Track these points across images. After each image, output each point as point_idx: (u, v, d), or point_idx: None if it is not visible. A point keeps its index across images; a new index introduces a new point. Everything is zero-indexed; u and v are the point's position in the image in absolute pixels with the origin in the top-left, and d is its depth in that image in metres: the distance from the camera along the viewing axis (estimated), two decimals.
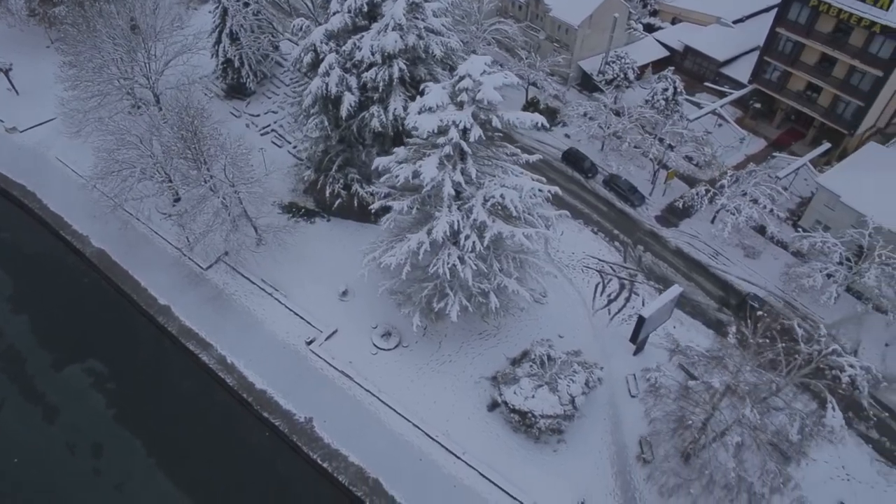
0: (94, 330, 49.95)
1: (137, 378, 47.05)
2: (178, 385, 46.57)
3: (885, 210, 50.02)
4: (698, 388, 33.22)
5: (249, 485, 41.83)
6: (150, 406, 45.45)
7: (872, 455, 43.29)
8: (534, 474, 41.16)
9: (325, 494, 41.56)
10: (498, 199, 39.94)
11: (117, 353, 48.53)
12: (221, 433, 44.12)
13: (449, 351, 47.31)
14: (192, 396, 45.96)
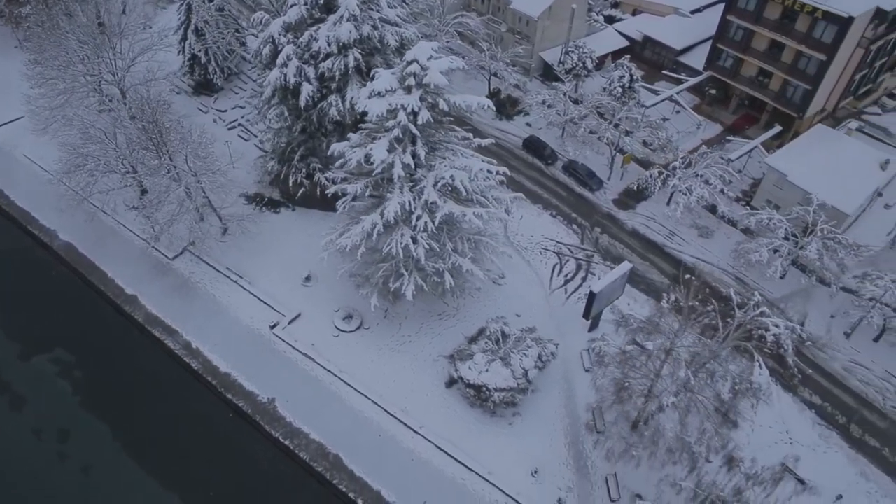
0: (61, 321, 50.80)
1: (104, 366, 47.98)
2: (144, 371, 47.51)
3: (828, 187, 51.96)
4: (636, 353, 34.64)
5: (214, 464, 42.87)
6: (115, 392, 46.43)
7: (815, 419, 45.00)
8: (489, 446, 42.53)
9: (287, 471, 42.72)
10: (448, 179, 41.44)
11: (84, 342, 49.42)
12: (186, 416, 45.15)
13: (409, 332, 48.63)
14: (158, 381, 46.91)
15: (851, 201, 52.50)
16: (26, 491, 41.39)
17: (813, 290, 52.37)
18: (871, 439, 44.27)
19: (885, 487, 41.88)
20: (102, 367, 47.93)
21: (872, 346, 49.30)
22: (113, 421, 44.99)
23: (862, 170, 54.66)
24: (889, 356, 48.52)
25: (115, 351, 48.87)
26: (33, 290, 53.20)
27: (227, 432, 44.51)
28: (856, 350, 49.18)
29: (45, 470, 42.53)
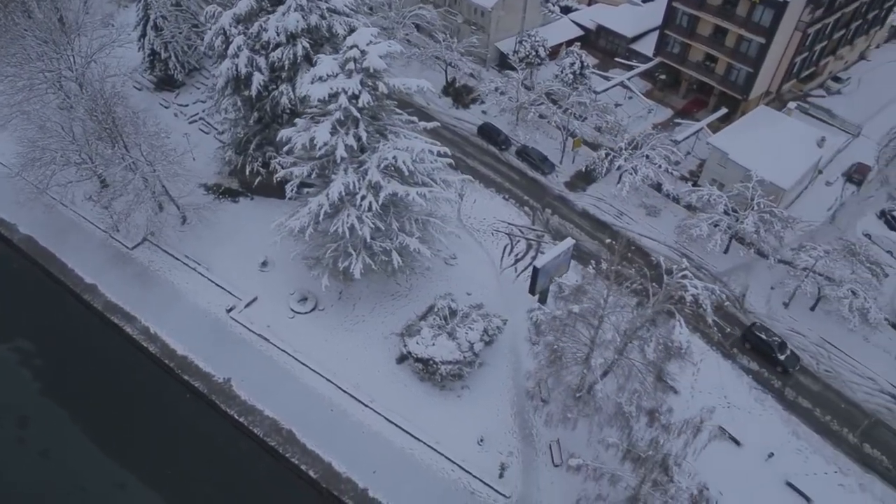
0: (21, 312, 51.65)
1: (63, 353, 48.93)
2: (104, 357, 48.57)
3: (767, 164, 53.99)
4: (568, 319, 36.26)
5: (171, 443, 44.02)
6: (75, 378, 47.40)
7: (751, 384, 46.93)
8: (438, 418, 44.02)
9: (242, 447, 43.99)
10: (391, 160, 42.89)
11: (44, 331, 50.33)
12: (144, 398, 46.27)
13: (362, 312, 50.04)
14: (117, 366, 47.99)
15: (789, 177, 54.52)
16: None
17: (754, 263, 54.36)
18: (803, 401, 46.22)
19: (815, 445, 43.83)
20: (62, 354, 48.88)
21: (809, 314, 51.31)
22: (72, 405, 45.97)
23: (800, 147, 56.78)
24: (824, 323, 50.54)
25: (75, 339, 49.83)
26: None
27: (184, 412, 45.69)
28: (793, 319, 51.20)
29: (3, 455, 43.44)
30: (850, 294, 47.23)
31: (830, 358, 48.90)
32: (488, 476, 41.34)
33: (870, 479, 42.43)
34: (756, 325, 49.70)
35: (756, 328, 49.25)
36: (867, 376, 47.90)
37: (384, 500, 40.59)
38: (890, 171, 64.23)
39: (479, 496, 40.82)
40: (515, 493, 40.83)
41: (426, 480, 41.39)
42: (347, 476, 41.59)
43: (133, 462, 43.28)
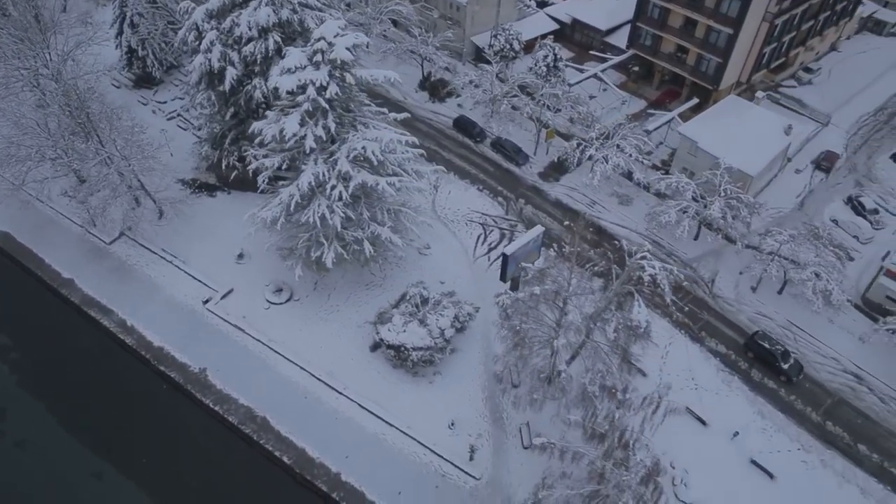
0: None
1: (40, 346, 49.44)
2: (81, 350, 49.04)
3: (735, 152, 54.92)
4: (526, 300, 37.06)
5: (148, 433, 44.55)
6: (51, 370, 47.89)
7: (719, 366, 47.86)
8: (410, 403, 44.79)
9: (218, 435, 44.57)
10: (360, 150, 43.60)
11: (21, 325, 50.80)
12: (121, 389, 46.80)
13: (337, 301, 50.75)
14: (94, 359, 48.48)
15: (756, 164, 55.48)
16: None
17: (723, 249, 55.35)
18: (769, 382, 47.19)
19: (779, 423, 44.81)
20: (38, 348, 49.39)
21: (776, 298, 52.32)
22: (49, 397, 46.47)
23: (767, 135, 57.76)
24: (790, 306, 51.55)
25: (52, 333, 50.26)
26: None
27: (160, 403, 46.22)
28: (761, 302, 52.20)
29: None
30: (814, 276, 48.21)
31: (796, 339, 49.91)
32: (459, 459, 42.12)
33: (831, 455, 43.44)
34: (759, 333, 48.87)
35: (759, 336, 48.46)
36: (831, 356, 48.94)
37: (356, 483, 41.28)
38: (858, 158, 65.39)
39: (450, 478, 41.59)
40: (486, 475, 41.62)
41: (398, 464, 42.13)
42: (321, 461, 42.28)
43: (109, 452, 43.80)
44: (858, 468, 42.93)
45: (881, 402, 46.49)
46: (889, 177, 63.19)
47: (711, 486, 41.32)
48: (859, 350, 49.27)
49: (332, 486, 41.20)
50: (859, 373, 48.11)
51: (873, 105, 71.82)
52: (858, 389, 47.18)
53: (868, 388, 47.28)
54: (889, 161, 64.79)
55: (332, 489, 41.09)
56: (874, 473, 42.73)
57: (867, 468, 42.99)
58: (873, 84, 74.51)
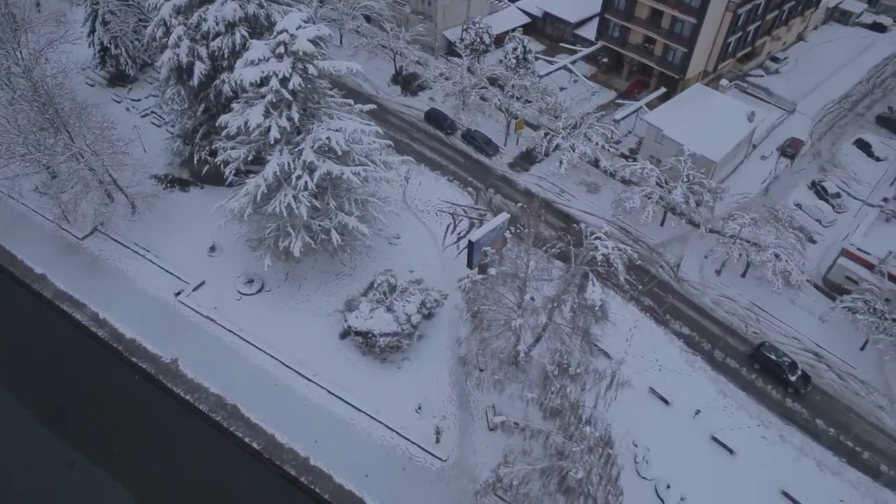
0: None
1: (12, 340, 49.65)
2: (52, 343, 49.41)
3: (699, 139, 56.07)
4: (483, 281, 37.87)
5: (120, 423, 44.95)
6: (23, 362, 48.19)
7: (682, 347, 48.89)
8: (379, 389, 45.51)
9: (190, 423, 45.10)
10: (324, 140, 44.30)
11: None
12: (93, 381, 47.26)
13: (308, 291, 51.41)
14: (66, 351, 48.85)
15: (719, 150, 56.59)
16: None
17: (689, 235, 56.42)
18: (731, 361, 48.25)
19: (740, 401, 45.91)
20: (10, 341, 49.63)
21: (740, 280, 53.43)
22: (19, 389, 46.81)
23: (731, 122, 58.95)
24: (753, 289, 52.69)
25: (25, 327, 50.57)
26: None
27: (132, 393, 46.68)
28: (725, 285, 53.30)
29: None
30: (774, 258, 49.27)
31: (759, 320, 51.02)
32: (426, 441, 42.85)
33: (790, 430, 44.57)
34: (765, 345, 48.15)
35: (765, 348, 47.75)
36: (792, 336, 50.09)
37: (325, 467, 41.96)
38: (822, 145, 66.65)
39: (417, 461, 42.35)
40: (452, 457, 42.39)
41: (366, 448, 42.84)
42: (290, 447, 42.92)
43: (81, 442, 44.21)
44: (816, 442, 44.08)
45: (839, 379, 47.64)
46: (852, 162, 64.49)
47: (673, 463, 42.34)
48: (820, 329, 50.47)
49: (301, 471, 41.86)
50: (819, 351, 49.30)
51: (838, 93, 73.19)
52: (818, 367, 48.33)
53: (827, 365, 48.45)
54: (852, 147, 66.10)
55: (301, 473, 41.75)
56: (831, 447, 43.87)
57: (824, 442, 44.14)
58: (838, 72, 75.96)
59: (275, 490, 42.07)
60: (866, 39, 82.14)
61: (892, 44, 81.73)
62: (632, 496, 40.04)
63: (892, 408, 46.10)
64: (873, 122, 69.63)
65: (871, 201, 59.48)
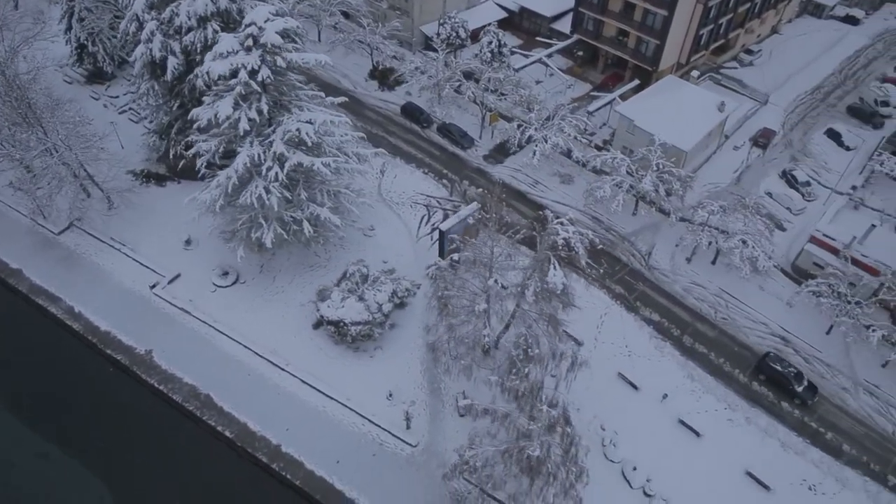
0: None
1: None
2: (27, 336, 49.61)
3: (670, 129, 56.82)
4: (446, 266, 38.45)
5: (94, 414, 45.33)
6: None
7: (652, 334, 49.58)
8: (351, 377, 46.03)
9: (164, 413, 45.45)
10: (294, 132, 44.79)
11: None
12: (68, 373, 47.53)
13: (282, 283, 51.87)
14: (41, 345, 49.07)
15: (689, 140, 57.38)
16: None
17: (661, 224, 57.13)
18: (700, 346, 48.97)
19: (708, 385, 46.60)
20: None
21: (710, 268, 54.19)
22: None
23: (701, 112, 59.74)
24: (723, 276, 53.43)
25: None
26: None
27: (107, 384, 47.05)
28: (695, 272, 54.04)
29: None
30: (741, 244, 50.00)
31: (728, 307, 51.77)
32: (396, 428, 43.39)
33: (756, 412, 45.29)
34: (770, 355, 47.39)
35: (770, 359, 47.02)
36: (760, 321, 50.85)
37: (296, 454, 42.43)
38: (794, 135, 67.51)
39: (388, 446, 42.89)
40: (422, 442, 42.93)
41: (337, 435, 43.36)
42: (262, 434, 43.38)
43: (56, 434, 44.50)
44: (781, 424, 44.82)
45: (805, 362, 48.42)
46: (822, 151, 65.37)
47: (640, 446, 42.98)
48: (787, 314, 51.28)
49: (272, 458, 42.33)
50: (786, 336, 50.06)
51: (811, 84, 74.12)
52: (785, 351, 49.06)
53: (794, 349, 49.22)
54: (823, 137, 67.00)
55: (272, 460, 42.22)
56: (795, 428, 44.63)
57: (789, 423, 44.88)
58: (811, 64, 76.90)
59: (247, 477, 42.48)
60: (839, 32, 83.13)
61: (865, 36, 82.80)
62: (599, 479, 40.80)
63: (856, 390, 46.91)
64: (844, 113, 70.55)
65: (840, 189, 60.34)
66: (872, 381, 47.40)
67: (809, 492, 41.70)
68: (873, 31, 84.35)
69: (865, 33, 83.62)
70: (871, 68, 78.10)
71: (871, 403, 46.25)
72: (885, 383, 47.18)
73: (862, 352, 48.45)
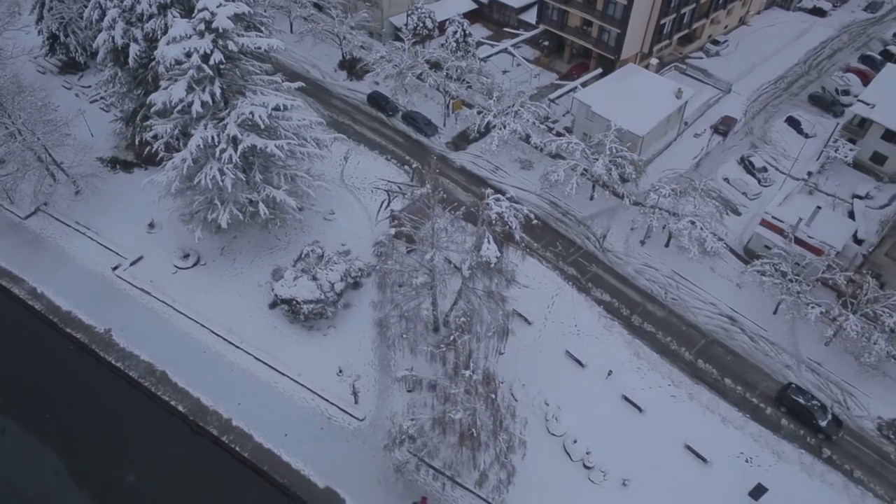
0: None
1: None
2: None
3: (626, 115, 57.79)
4: (386, 241, 39.56)
5: (53, 391, 46.39)
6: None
7: (601, 313, 50.57)
8: (304, 355, 47.14)
9: (121, 390, 46.52)
10: (248, 115, 45.85)
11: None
12: (28, 351, 48.61)
13: (242, 265, 52.92)
14: (3, 324, 50.21)
15: (645, 125, 58.31)
16: None
17: (617, 208, 58.10)
18: (648, 326, 49.95)
19: (653, 363, 47.64)
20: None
21: (663, 250, 55.17)
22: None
23: (658, 99, 60.68)
24: (675, 258, 54.37)
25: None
26: None
27: (66, 362, 48.09)
28: (648, 255, 55.02)
29: None
30: (690, 225, 50.96)
31: (678, 288, 52.76)
32: (344, 402, 44.46)
33: (698, 389, 46.31)
34: (792, 386, 45.55)
35: (792, 391, 45.15)
36: (709, 302, 51.85)
37: (246, 427, 43.51)
38: (755, 122, 68.45)
39: (335, 420, 43.98)
40: (369, 416, 43.98)
41: (287, 409, 44.44)
42: (214, 409, 44.47)
43: (13, 409, 45.62)
44: (723, 400, 45.84)
45: (750, 341, 49.41)
46: (782, 139, 66.32)
47: (583, 421, 43.99)
48: (736, 295, 52.27)
49: (223, 431, 43.42)
50: (734, 315, 51.03)
51: (775, 74, 75.03)
52: (731, 330, 50.10)
53: (740, 328, 50.20)
54: (784, 124, 67.92)
55: (223, 433, 43.31)
56: (736, 404, 45.64)
57: (730, 399, 45.89)
58: (777, 54, 77.81)
59: (198, 449, 43.56)
60: (806, 23, 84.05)
61: (831, 27, 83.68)
62: (541, 452, 42.17)
63: (798, 367, 47.88)
64: (806, 102, 71.48)
65: (796, 175, 61.29)
66: (815, 359, 48.38)
67: (746, 464, 42.71)
68: (840, 22, 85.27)
69: (832, 25, 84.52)
70: (835, 59, 79.00)
71: (812, 380, 47.22)
72: (827, 361, 48.16)
73: (807, 332, 49.43)
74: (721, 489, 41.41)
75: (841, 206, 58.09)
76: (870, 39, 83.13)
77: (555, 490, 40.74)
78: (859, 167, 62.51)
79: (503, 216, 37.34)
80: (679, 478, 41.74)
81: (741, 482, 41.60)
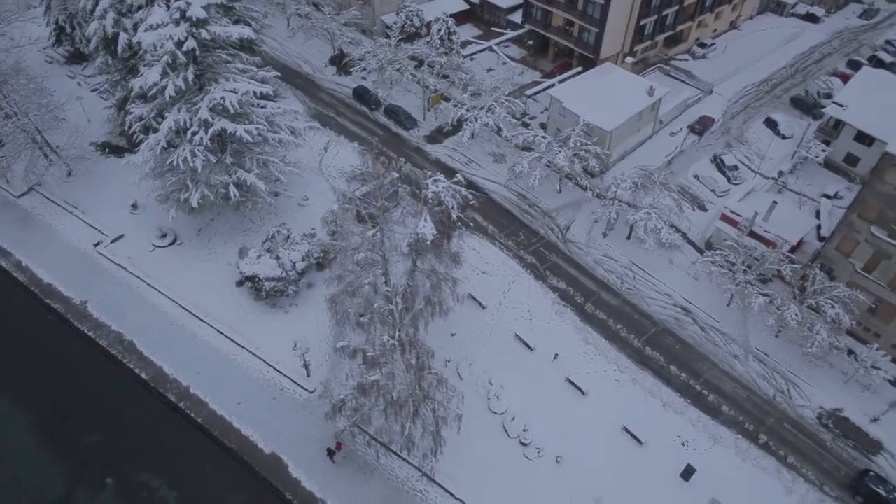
0: None
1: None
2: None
3: (596, 111, 59.10)
4: (332, 217, 41.55)
5: (27, 356, 49.19)
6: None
7: (555, 300, 51.80)
8: (264, 330, 49.29)
9: (91, 357, 49.07)
10: (219, 100, 48.36)
11: None
12: (8, 319, 51.65)
13: (216, 245, 55.41)
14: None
15: (613, 121, 59.46)
16: None
17: (583, 201, 59.32)
18: (600, 313, 51.05)
19: (601, 349, 48.72)
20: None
21: (624, 242, 56.25)
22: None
23: (629, 96, 61.79)
24: (635, 250, 55.39)
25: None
26: None
27: (43, 331, 50.90)
28: (609, 246, 56.15)
29: None
30: (646, 216, 51.98)
31: (635, 278, 53.77)
32: (297, 375, 46.43)
33: (643, 374, 47.25)
34: (871, 475, 41.03)
35: (871, 479, 40.69)
36: (665, 292, 52.75)
37: (202, 395, 45.72)
38: (734, 123, 69.07)
39: (287, 392, 46.00)
40: (319, 389, 45.82)
41: (243, 380, 46.58)
42: (174, 377, 46.80)
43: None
44: (666, 385, 46.74)
45: (701, 331, 50.21)
46: (758, 139, 66.86)
47: (524, 400, 45.32)
48: (692, 287, 53.08)
49: (180, 397, 45.70)
50: (688, 306, 51.86)
51: (760, 77, 75.56)
52: (683, 320, 50.95)
53: (693, 318, 51.00)
54: (762, 125, 68.45)
55: (180, 399, 45.59)
56: (679, 390, 46.50)
57: (674, 386, 46.77)
58: (763, 58, 78.25)
59: (158, 414, 45.78)
60: (797, 29, 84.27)
61: (823, 33, 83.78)
62: (480, 428, 43.74)
63: (746, 357, 48.51)
64: (787, 104, 71.83)
65: (767, 174, 61.80)
66: (764, 349, 48.96)
67: (682, 447, 43.54)
68: (832, 28, 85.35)
69: (824, 30, 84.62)
70: (823, 63, 79.17)
71: (758, 370, 47.85)
72: (775, 352, 48.75)
73: (758, 323, 50.05)
74: (654, 469, 42.33)
75: (808, 204, 58.45)
76: (861, 45, 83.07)
77: (489, 463, 42.09)
78: (833, 168, 62.78)
79: (440, 195, 38.93)
80: (613, 457, 42.79)
81: (675, 464, 42.44)
